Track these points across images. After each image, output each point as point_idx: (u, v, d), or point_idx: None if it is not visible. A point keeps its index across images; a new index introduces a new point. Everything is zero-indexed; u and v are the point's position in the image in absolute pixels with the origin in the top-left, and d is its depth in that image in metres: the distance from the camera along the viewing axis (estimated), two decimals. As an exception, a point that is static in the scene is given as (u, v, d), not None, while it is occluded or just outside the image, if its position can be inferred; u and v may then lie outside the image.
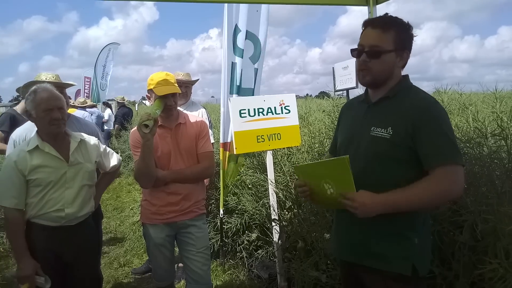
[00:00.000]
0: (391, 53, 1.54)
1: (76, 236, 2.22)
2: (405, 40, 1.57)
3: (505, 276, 1.64)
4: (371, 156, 1.56)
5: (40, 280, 2.06)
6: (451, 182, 1.41)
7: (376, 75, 1.57)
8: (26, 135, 2.57)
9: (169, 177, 2.35)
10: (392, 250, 1.53)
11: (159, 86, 2.33)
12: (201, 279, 2.43)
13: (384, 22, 1.56)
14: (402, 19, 1.58)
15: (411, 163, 1.49)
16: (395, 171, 1.51)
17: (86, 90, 15.76)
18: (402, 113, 1.51)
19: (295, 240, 2.86)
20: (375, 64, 1.55)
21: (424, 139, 1.45)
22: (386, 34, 1.53)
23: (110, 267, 4.04)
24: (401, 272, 1.50)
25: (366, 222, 1.51)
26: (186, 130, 2.44)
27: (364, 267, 1.61)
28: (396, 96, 1.57)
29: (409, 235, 1.52)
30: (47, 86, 2.18)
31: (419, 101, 1.52)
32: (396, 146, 1.49)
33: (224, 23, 3.64)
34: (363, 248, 1.60)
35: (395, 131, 1.50)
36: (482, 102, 4.17)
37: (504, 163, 2.12)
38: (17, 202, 2.08)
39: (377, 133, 1.54)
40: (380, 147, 1.53)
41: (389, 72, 1.57)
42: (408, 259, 1.50)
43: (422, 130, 1.45)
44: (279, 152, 3.62)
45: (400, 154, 1.50)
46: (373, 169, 1.55)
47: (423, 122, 1.45)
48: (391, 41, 1.53)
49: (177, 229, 2.45)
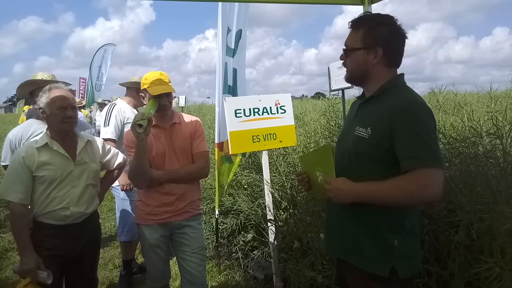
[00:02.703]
0: (360, 50, 1.58)
1: (82, 232, 2.28)
2: (376, 37, 1.55)
3: (501, 275, 1.64)
4: (353, 155, 1.58)
5: (42, 275, 2.07)
6: (421, 185, 1.37)
7: (350, 72, 1.65)
8: (22, 135, 2.60)
9: (163, 177, 2.34)
10: (370, 250, 1.53)
11: (153, 85, 2.32)
12: (196, 279, 2.42)
13: (354, 22, 1.62)
14: (380, 17, 1.59)
15: (388, 164, 1.47)
16: (373, 171, 1.50)
17: (81, 91, 15.70)
18: (381, 114, 1.50)
19: (291, 241, 2.85)
20: (349, 62, 1.64)
21: (399, 141, 1.43)
22: (355, 33, 1.60)
23: (105, 268, 4.01)
24: (378, 273, 1.50)
25: (349, 219, 1.57)
26: (181, 130, 2.43)
27: (347, 264, 1.63)
28: (381, 96, 1.57)
29: (387, 237, 1.50)
30: (61, 85, 2.26)
31: (399, 101, 1.48)
32: (373, 146, 1.49)
33: (219, 23, 3.65)
34: (347, 245, 1.61)
35: (373, 131, 1.50)
36: (477, 102, 4.19)
37: (499, 162, 2.12)
38: (22, 197, 2.11)
39: (359, 132, 1.55)
40: (360, 147, 1.54)
41: (364, 70, 1.59)
42: (386, 261, 1.49)
43: (397, 132, 1.43)
44: (274, 152, 3.61)
45: (378, 155, 1.49)
46: (354, 168, 1.56)
47: (399, 123, 1.43)
48: (358, 40, 1.58)
49: (172, 229, 2.43)
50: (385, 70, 1.59)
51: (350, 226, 1.59)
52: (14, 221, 2.13)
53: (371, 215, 1.51)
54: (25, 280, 2.05)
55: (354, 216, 1.56)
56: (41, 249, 2.13)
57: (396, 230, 1.51)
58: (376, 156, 1.49)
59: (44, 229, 2.18)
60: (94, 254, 2.46)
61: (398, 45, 1.59)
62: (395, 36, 1.57)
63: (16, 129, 2.68)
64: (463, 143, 2.31)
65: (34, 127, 2.63)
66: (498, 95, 3.26)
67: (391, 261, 1.49)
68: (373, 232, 1.53)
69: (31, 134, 2.59)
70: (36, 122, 2.68)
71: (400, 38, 1.58)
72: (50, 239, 2.17)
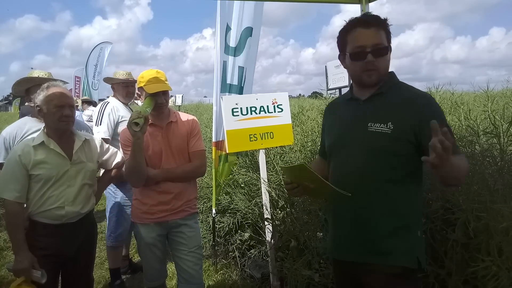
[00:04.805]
0: (389, 50, 1.58)
1: (78, 232, 2.26)
2: (390, 35, 1.61)
3: (498, 274, 1.64)
4: (369, 151, 1.57)
5: (36, 274, 2.06)
6: (468, 166, 1.49)
7: (382, 73, 1.59)
8: (17, 133, 2.58)
9: (160, 176, 2.33)
10: (398, 243, 1.53)
11: (150, 84, 2.30)
12: (193, 278, 2.40)
13: (375, 20, 1.57)
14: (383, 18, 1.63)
15: (408, 156, 1.52)
16: (393, 164, 1.53)
17: (76, 89, 15.64)
18: (404, 109, 1.53)
19: (288, 239, 2.85)
20: (381, 62, 1.56)
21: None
22: (381, 32, 1.56)
23: (101, 268, 3.99)
24: (408, 265, 1.52)
25: (370, 217, 1.56)
26: (177, 129, 2.41)
27: (365, 264, 1.59)
28: (390, 92, 1.59)
29: (413, 228, 1.55)
30: (59, 83, 2.24)
31: (418, 95, 1.56)
32: (396, 140, 1.52)
33: (217, 21, 3.63)
34: (368, 245, 1.58)
35: (396, 125, 1.52)
36: (474, 101, 4.20)
37: (496, 161, 2.12)
38: (18, 196, 2.09)
39: (376, 128, 1.55)
40: (378, 142, 1.54)
41: (389, 69, 1.62)
42: (413, 252, 1.53)
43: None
44: (271, 151, 3.60)
45: (399, 148, 1.52)
46: (371, 164, 1.56)
47: (432, 114, 1.44)
48: (385, 38, 1.57)
49: (168, 228, 2.42)
50: None
51: (371, 224, 1.57)
52: (9, 219, 2.12)
53: (396, 209, 1.53)
54: (19, 279, 2.04)
55: (372, 214, 1.56)
56: (36, 248, 2.11)
57: (417, 221, 1.58)
58: (398, 149, 1.52)
59: (39, 228, 2.16)
60: (90, 254, 2.44)
61: None
62: None
63: (10, 127, 2.65)
64: (460, 142, 2.32)
65: (28, 125, 2.61)
66: (495, 95, 3.26)
67: (416, 252, 1.53)
68: (400, 225, 1.54)
69: (26, 132, 2.57)
70: (30, 120, 2.66)
71: None
72: (45, 238, 2.16)
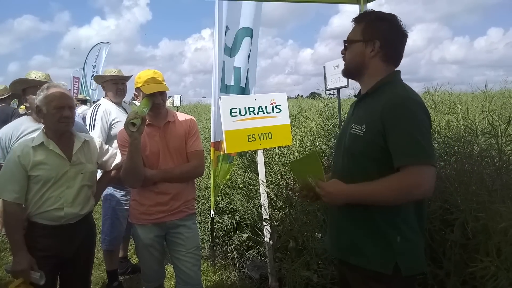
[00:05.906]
0: (359, 43, 1.58)
1: (77, 233, 2.25)
2: (376, 31, 1.56)
3: (496, 274, 1.64)
4: (349, 153, 1.57)
5: (35, 276, 2.05)
6: (411, 183, 1.36)
7: (347, 64, 1.65)
8: (13, 133, 2.57)
9: (158, 176, 2.32)
10: (372, 247, 1.51)
11: (147, 84, 2.29)
12: (191, 279, 2.39)
13: (358, 17, 1.64)
14: (382, 13, 1.60)
15: (382, 161, 1.45)
16: (370, 169, 1.48)
17: (75, 90, 15.62)
18: (375, 110, 1.48)
19: (286, 240, 2.84)
20: (347, 54, 1.65)
21: (391, 138, 1.42)
22: (357, 26, 1.61)
23: (99, 269, 3.97)
24: (381, 270, 1.47)
25: (348, 219, 1.56)
26: (175, 129, 2.41)
27: (349, 264, 1.60)
28: (376, 92, 1.56)
29: (389, 233, 1.48)
30: (59, 84, 2.23)
31: (391, 97, 1.47)
32: (369, 143, 1.48)
33: (216, 21, 3.62)
34: (348, 245, 1.59)
35: (368, 128, 1.49)
36: (472, 101, 4.20)
37: (495, 161, 2.12)
38: (17, 196, 2.08)
39: (354, 130, 1.54)
40: (355, 145, 1.53)
41: (360, 62, 1.59)
42: (390, 258, 1.47)
43: (389, 128, 1.42)
44: (270, 151, 3.60)
45: (372, 152, 1.47)
46: (349, 166, 1.56)
47: (390, 120, 1.42)
48: (359, 32, 1.59)
49: (166, 229, 2.41)
50: (382, 65, 1.57)
51: (349, 226, 1.57)
52: (8, 220, 2.10)
53: (371, 212, 1.48)
54: (18, 281, 2.02)
55: (353, 216, 1.54)
56: (35, 249, 2.10)
57: (398, 226, 1.48)
58: (372, 153, 1.47)
59: (38, 229, 2.15)
60: (89, 255, 2.43)
61: (398, 42, 1.58)
62: (395, 32, 1.57)
63: (6, 127, 2.64)
64: (458, 142, 2.32)
65: (25, 125, 2.59)
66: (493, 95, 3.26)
67: (394, 257, 1.47)
68: (374, 230, 1.50)
69: (22, 132, 2.55)
70: (27, 120, 2.64)
71: (400, 36, 1.57)
72: (44, 239, 2.15)
